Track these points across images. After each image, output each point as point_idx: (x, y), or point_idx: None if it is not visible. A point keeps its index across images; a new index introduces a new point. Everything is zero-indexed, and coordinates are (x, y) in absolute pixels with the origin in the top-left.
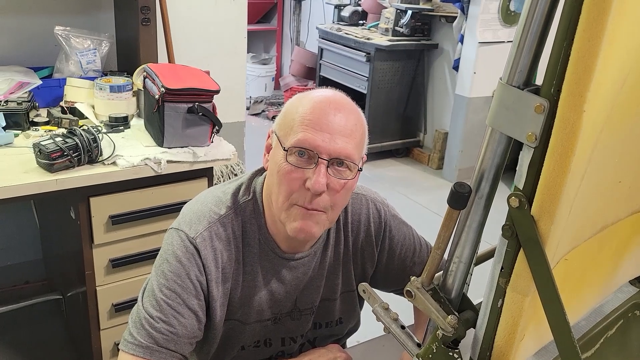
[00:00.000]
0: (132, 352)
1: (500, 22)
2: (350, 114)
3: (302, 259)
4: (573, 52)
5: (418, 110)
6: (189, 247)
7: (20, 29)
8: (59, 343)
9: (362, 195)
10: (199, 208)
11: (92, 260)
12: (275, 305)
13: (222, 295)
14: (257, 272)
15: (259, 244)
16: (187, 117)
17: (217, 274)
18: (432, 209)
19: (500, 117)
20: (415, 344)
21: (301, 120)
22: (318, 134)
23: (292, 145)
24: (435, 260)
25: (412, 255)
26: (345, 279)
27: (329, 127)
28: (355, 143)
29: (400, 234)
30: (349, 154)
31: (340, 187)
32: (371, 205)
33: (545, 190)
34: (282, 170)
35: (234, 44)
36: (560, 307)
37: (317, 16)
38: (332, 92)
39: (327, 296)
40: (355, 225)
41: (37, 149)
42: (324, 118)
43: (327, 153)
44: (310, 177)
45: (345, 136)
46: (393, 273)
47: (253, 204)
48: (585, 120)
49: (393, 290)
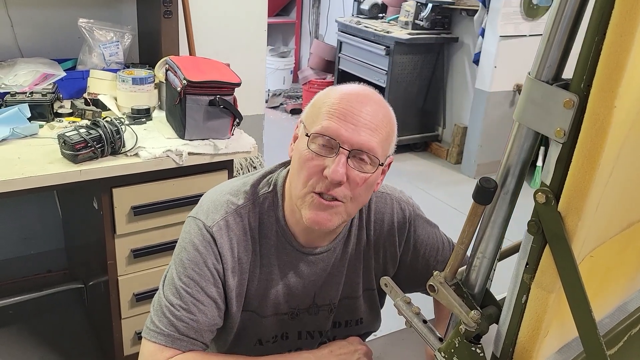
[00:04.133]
0: (154, 339)
1: (522, 16)
2: (379, 108)
3: (321, 254)
4: (605, 47)
5: (437, 105)
6: (205, 236)
7: (44, 21)
8: (80, 332)
9: (387, 195)
10: (217, 197)
11: (114, 250)
12: (293, 299)
13: (238, 285)
14: (274, 265)
15: (276, 237)
16: (209, 109)
17: (233, 263)
18: (450, 204)
19: (528, 112)
20: (437, 339)
21: (328, 109)
22: (342, 123)
23: (315, 132)
24: (458, 255)
25: (436, 254)
26: (366, 277)
27: (355, 118)
28: (381, 138)
29: (424, 233)
30: (372, 147)
31: (360, 180)
32: (395, 205)
33: (573, 187)
34: (303, 157)
35: (254, 37)
36: (586, 304)
37: (336, 9)
38: (363, 87)
39: (348, 294)
40: (379, 224)
41: (61, 140)
42: (351, 109)
43: (349, 143)
44: (329, 165)
45: (370, 129)
46: (417, 273)
47: (272, 196)
48: (615, 116)
49: (415, 290)
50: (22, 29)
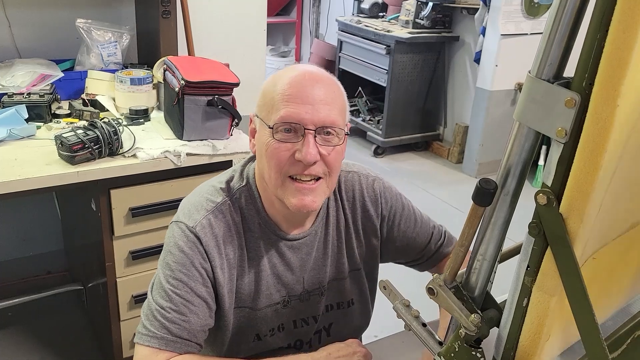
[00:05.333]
0: (147, 343)
1: (523, 14)
2: (328, 84)
3: (304, 238)
4: (607, 45)
5: (438, 104)
6: (189, 236)
7: (42, 21)
8: (80, 333)
9: (353, 172)
10: (196, 199)
11: (112, 251)
12: (284, 288)
13: (228, 281)
14: (262, 256)
15: (259, 228)
16: (207, 110)
17: (220, 260)
18: (451, 204)
19: (528, 111)
20: (436, 342)
21: (281, 97)
22: (300, 106)
23: (277, 122)
24: (458, 257)
25: (414, 226)
26: (350, 257)
27: (310, 98)
28: (338, 110)
29: (397, 203)
30: (333, 120)
31: (332, 153)
32: (363, 180)
33: (575, 188)
34: (270, 148)
35: (254, 37)
36: (588, 307)
37: (336, 8)
38: (304, 66)
39: (335, 276)
40: (350, 201)
41: (58, 141)
42: (303, 90)
43: (313, 123)
44: (300, 149)
45: (327, 104)
46: (397, 244)
47: (247, 190)
48: (618, 115)
49: (400, 262)
50: (20, 29)
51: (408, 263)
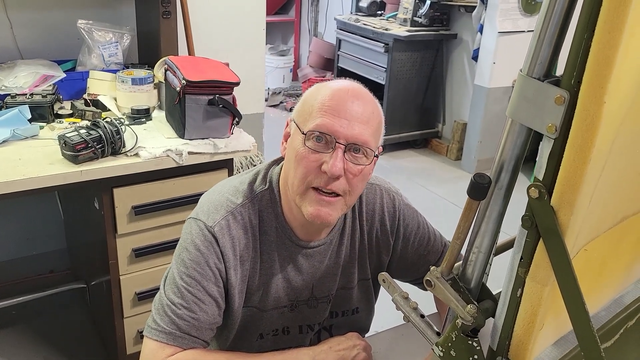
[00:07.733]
0: (155, 338)
1: (520, 12)
2: (367, 103)
3: (318, 247)
4: (594, 44)
5: (437, 101)
6: (207, 236)
7: (44, 22)
8: (83, 331)
9: (375, 185)
10: (217, 198)
11: (115, 249)
12: (292, 292)
13: (240, 282)
14: (274, 260)
15: (275, 232)
16: (208, 109)
17: (235, 262)
18: (450, 200)
19: (520, 108)
20: (434, 333)
21: (320, 107)
22: (336, 119)
23: (311, 130)
24: (454, 250)
25: (427, 244)
26: (360, 267)
27: (347, 113)
28: (372, 131)
29: (414, 222)
30: (365, 140)
31: (357, 172)
32: (385, 195)
33: (565, 181)
34: (300, 154)
35: (253, 36)
36: (579, 298)
37: (335, 7)
38: (351, 82)
39: (344, 285)
40: (370, 214)
41: (62, 141)
42: (343, 105)
43: (345, 138)
44: (327, 161)
45: (362, 123)
46: (408, 262)
47: (269, 193)
48: (605, 112)
49: (409, 280)
50: (22, 30)
51: (416, 281)
